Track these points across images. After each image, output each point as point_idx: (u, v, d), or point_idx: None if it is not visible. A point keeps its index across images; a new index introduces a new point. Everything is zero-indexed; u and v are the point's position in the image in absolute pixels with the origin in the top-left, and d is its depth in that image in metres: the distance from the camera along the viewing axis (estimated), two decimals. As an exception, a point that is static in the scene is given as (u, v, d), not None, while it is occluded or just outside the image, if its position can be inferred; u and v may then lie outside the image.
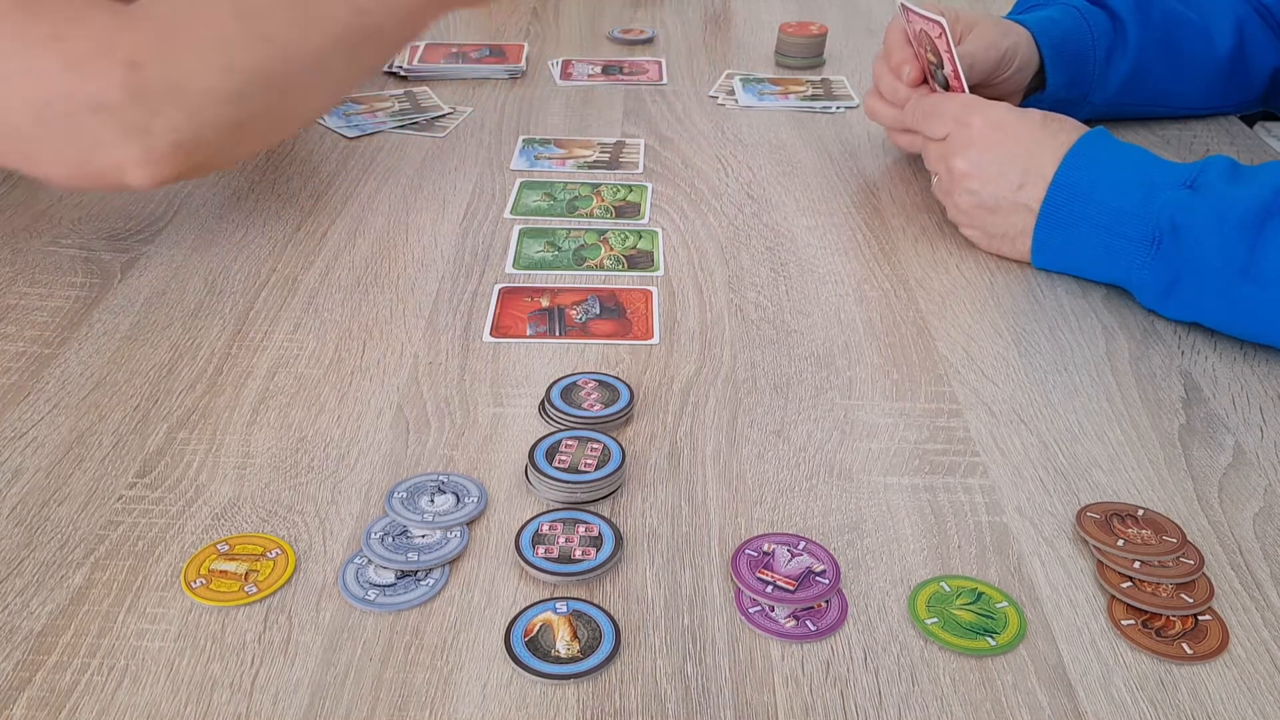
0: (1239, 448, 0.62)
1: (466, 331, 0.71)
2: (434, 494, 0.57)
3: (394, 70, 1.12)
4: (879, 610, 0.51)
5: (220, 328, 0.70)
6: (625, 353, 0.69)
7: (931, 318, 0.73)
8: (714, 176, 0.92)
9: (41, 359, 0.67)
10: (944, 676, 0.48)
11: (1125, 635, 0.50)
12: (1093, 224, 0.73)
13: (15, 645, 0.48)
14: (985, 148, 0.78)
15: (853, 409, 0.64)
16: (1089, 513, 0.56)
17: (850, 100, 1.08)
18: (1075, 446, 0.62)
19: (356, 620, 0.50)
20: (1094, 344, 0.71)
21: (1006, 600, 0.51)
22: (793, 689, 0.47)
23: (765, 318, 0.73)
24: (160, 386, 0.65)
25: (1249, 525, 0.56)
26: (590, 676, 0.47)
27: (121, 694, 0.46)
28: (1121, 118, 0.99)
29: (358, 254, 0.79)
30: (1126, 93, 0.96)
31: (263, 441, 0.60)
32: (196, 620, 0.50)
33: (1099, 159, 0.74)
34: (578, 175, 0.92)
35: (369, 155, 0.94)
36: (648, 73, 1.15)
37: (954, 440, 0.62)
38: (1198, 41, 0.96)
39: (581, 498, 0.57)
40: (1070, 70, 0.92)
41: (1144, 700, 0.47)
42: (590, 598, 0.51)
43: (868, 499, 0.58)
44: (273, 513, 0.56)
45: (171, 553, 0.53)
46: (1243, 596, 0.52)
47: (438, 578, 0.52)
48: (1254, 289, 0.66)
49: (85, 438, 0.60)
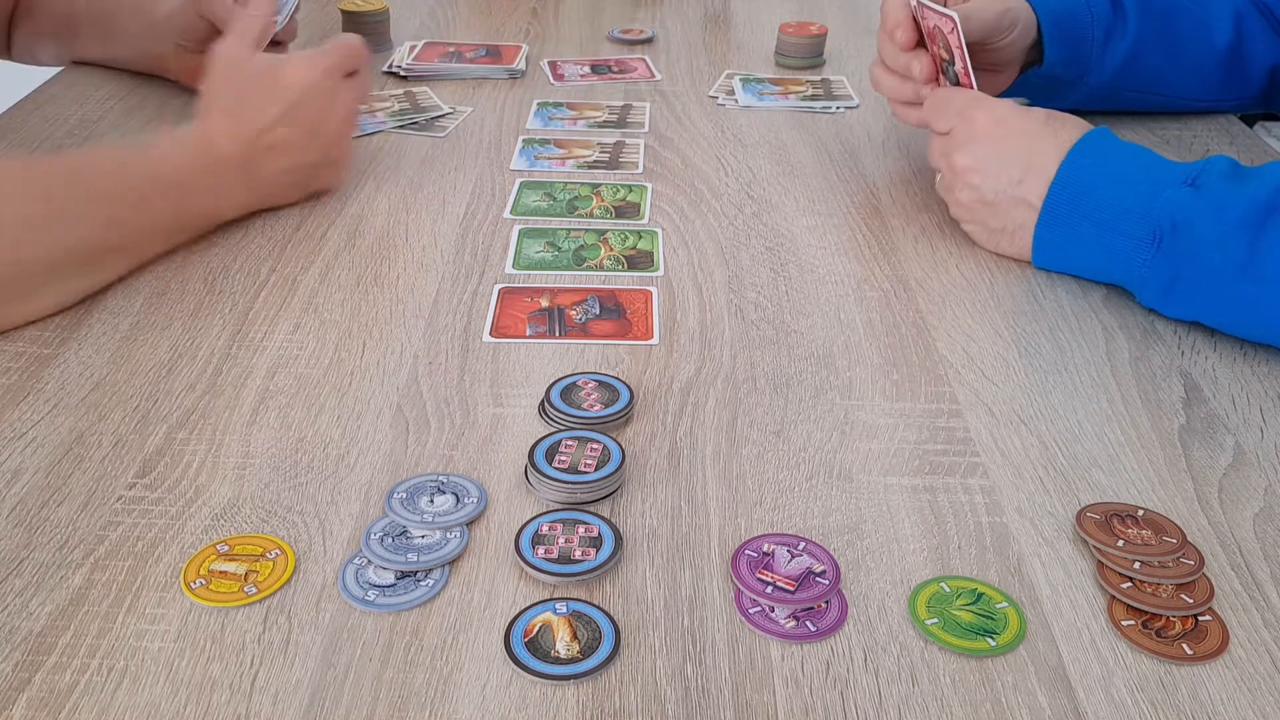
0: (1239, 448, 0.62)
1: (466, 332, 0.71)
2: (434, 494, 0.57)
3: (394, 70, 1.12)
4: (879, 611, 0.51)
5: (220, 328, 0.70)
6: (625, 353, 0.69)
7: (931, 318, 0.73)
8: (714, 177, 0.92)
9: (41, 359, 0.66)
10: (944, 677, 0.48)
11: (1125, 636, 0.50)
12: (1094, 221, 0.73)
13: (14, 646, 0.48)
14: (987, 143, 0.78)
15: (852, 409, 0.64)
16: (1089, 513, 0.56)
17: (850, 100, 1.08)
18: (1075, 447, 0.62)
19: (356, 621, 0.50)
20: (1094, 344, 0.71)
21: (1006, 601, 0.51)
22: (792, 690, 0.47)
23: (765, 318, 0.73)
24: (160, 387, 0.65)
25: (1249, 525, 0.56)
26: (590, 677, 0.47)
27: (121, 695, 0.46)
28: (1118, 106, 0.99)
29: (357, 254, 0.79)
30: (1123, 78, 0.95)
31: (262, 442, 0.60)
32: (196, 621, 0.50)
33: (1101, 156, 0.74)
34: (577, 175, 0.92)
35: (369, 155, 0.94)
36: (636, 70, 1.15)
37: (954, 441, 0.62)
38: (1196, 32, 0.96)
39: (581, 498, 0.57)
40: (1067, 48, 0.92)
41: (1144, 701, 0.47)
42: (590, 598, 0.51)
43: (868, 499, 0.58)
44: (272, 513, 0.56)
45: (171, 553, 0.53)
46: (1243, 597, 0.52)
47: (437, 578, 0.52)
48: (1254, 287, 0.66)
49: (85, 438, 0.60)
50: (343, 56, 0.84)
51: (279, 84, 0.81)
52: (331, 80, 0.83)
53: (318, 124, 0.82)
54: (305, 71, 0.82)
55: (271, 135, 0.80)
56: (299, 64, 0.82)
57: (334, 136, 0.84)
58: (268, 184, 0.82)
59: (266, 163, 0.80)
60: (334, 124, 0.84)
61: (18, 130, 0.96)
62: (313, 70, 0.82)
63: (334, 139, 0.84)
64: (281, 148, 0.81)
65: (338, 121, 0.84)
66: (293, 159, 0.82)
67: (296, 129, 0.81)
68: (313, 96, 0.82)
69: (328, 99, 0.83)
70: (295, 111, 0.81)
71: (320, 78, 0.82)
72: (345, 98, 0.84)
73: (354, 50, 0.85)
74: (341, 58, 0.84)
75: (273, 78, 0.81)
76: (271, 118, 0.80)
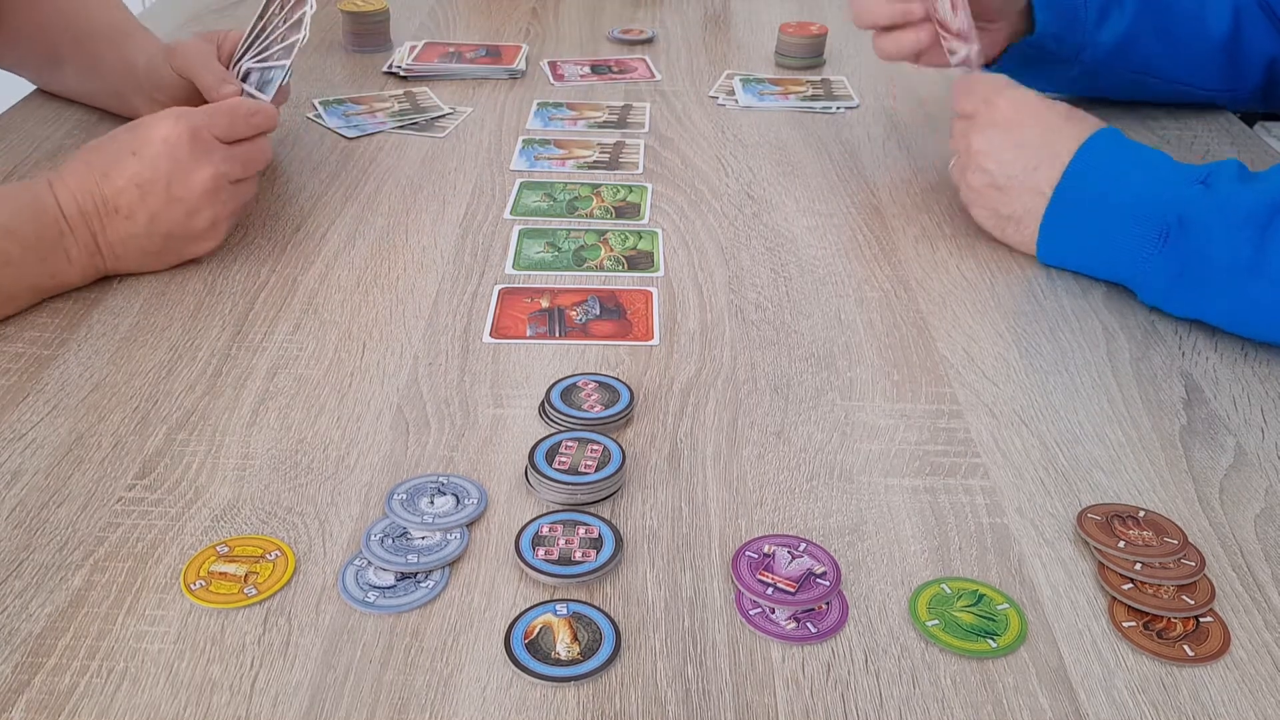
0: (1240, 449, 0.62)
1: (466, 332, 0.70)
2: (434, 495, 0.57)
3: (394, 70, 1.12)
4: (880, 612, 0.51)
5: (220, 328, 0.70)
6: (625, 353, 0.69)
7: (932, 318, 0.73)
8: (714, 177, 0.92)
9: (40, 360, 0.66)
10: (945, 678, 0.48)
11: (1126, 637, 0.50)
12: (1102, 214, 0.73)
13: (14, 648, 0.48)
14: (1006, 128, 0.78)
15: (853, 410, 0.64)
16: (1090, 514, 0.56)
17: (850, 100, 1.08)
18: (1076, 448, 0.61)
19: (356, 622, 0.50)
20: (1095, 345, 0.70)
21: (1007, 602, 0.51)
22: (793, 691, 0.47)
23: (765, 318, 0.73)
24: (159, 388, 0.64)
25: (1250, 526, 0.56)
26: (590, 679, 0.47)
27: (121, 696, 0.46)
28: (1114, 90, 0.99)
29: (357, 255, 0.79)
30: (1118, 58, 0.95)
31: (262, 443, 0.60)
32: (196, 622, 0.49)
33: (1114, 152, 0.74)
34: (577, 176, 0.92)
35: (369, 156, 0.94)
36: (636, 71, 1.15)
37: (954, 441, 0.62)
38: (1193, 19, 0.95)
39: (582, 499, 0.56)
40: (1059, 20, 0.91)
41: (1145, 702, 0.47)
42: (590, 600, 0.51)
43: (868, 500, 0.57)
44: (272, 514, 0.56)
45: (171, 554, 0.53)
46: (1244, 598, 0.52)
47: (438, 580, 0.52)
48: (1260, 285, 0.66)
49: (84, 439, 0.60)
50: (229, 118, 0.74)
51: (138, 137, 0.72)
52: (200, 139, 0.72)
53: (176, 190, 0.72)
54: (167, 126, 0.72)
55: (120, 197, 0.71)
56: (164, 116, 0.72)
57: (196, 206, 0.72)
58: (110, 252, 0.72)
59: (111, 227, 0.71)
60: (196, 192, 0.72)
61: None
62: (176, 126, 0.72)
63: (196, 209, 0.73)
64: (129, 212, 0.71)
65: (201, 189, 0.72)
66: (141, 226, 0.72)
67: (149, 192, 0.71)
68: (172, 155, 0.71)
69: (191, 160, 0.72)
70: (149, 171, 0.71)
71: (183, 134, 0.72)
72: (217, 162, 0.73)
73: (248, 116, 0.75)
74: (224, 118, 0.74)
75: (136, 130, 0.72)
76: (122, 176, 0.71)
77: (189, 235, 0.74)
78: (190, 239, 0.74)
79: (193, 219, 0.73)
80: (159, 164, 0.71)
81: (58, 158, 0.92)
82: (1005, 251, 0.81)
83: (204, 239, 0.75)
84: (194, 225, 0.74)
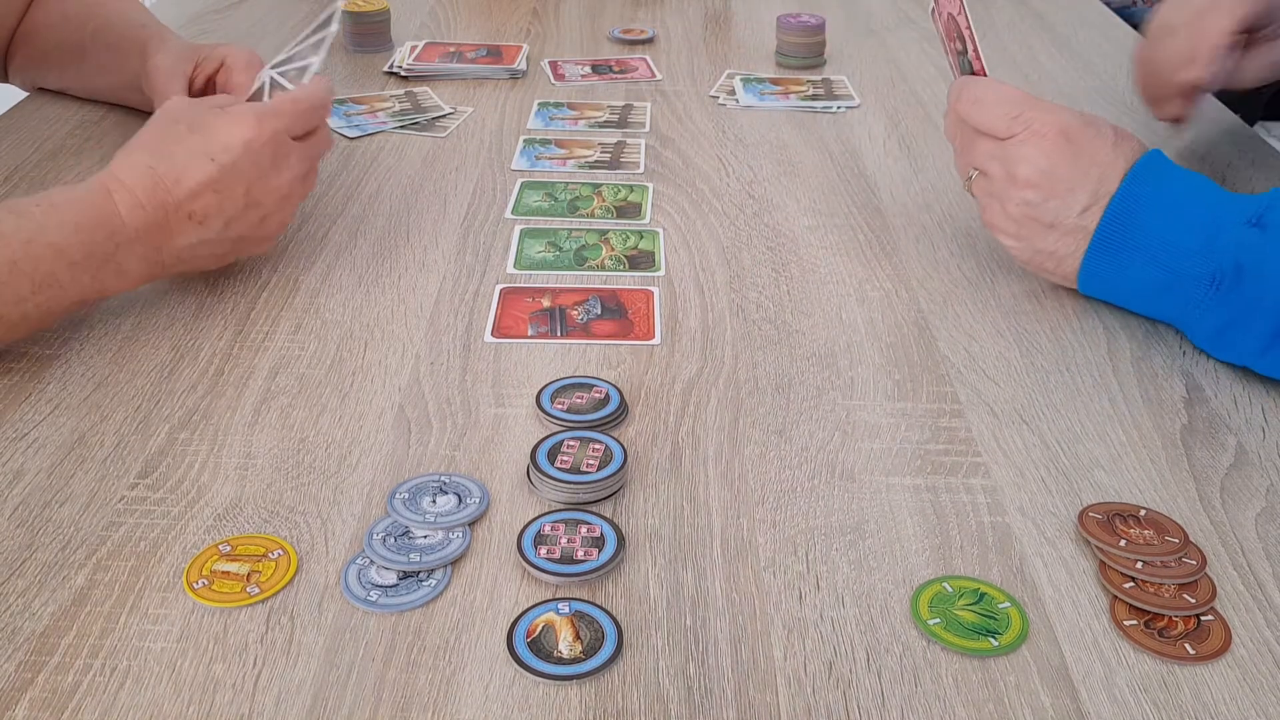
0: (1241, 448, 0.62)
1: (468, 332, 0.71)
2: (436, 495, 0.57)
3: (394, 70, 1.12)
4: (881, 611, 0.51)
5: (221, 328, 0.70)
6: (626, 353, 0.69)
7: (933, 318, 0.73)
8: (715, 177, 0.92)
9: (42, 359, 0.66)
10: (946, 677, 0.48)
11: (1128, 636, 0.50)
12: (1148, 257, 0.67)
13: (17, 646, 0.48)
14: (1058, 158, 0.69)
15: (854, 409, 0.64)
16: (1091, 513, 0.56)
17: (851, 100, 1.08)
18: (1077, 446, 0.62)
19: (359, 621, 0.50)
20: (1096, 344, 0.71)
21: (1009, 601, 0.51)
22: (795, 690, 0.47)
23: (767, 318, 0.73)
24: (161, 387, 0.65)
25: (1251, 525, 0.56)
26: (593, 677, 0.47)
27: (124, 695, 0.46)
28: None
29: (359, 254, 0.79)
30: None
31: (264, 442, 0.60)
32: (199, 621, 0.50)
33: (1159, 187, 0.68)
34: (578, 175, 0.92)
35: (370, 155, 0.94)
36: (637, 70, 1.15)
37: (956, 440, 0.62)
38: None
39: (583, 498, 0.57)
40: None
41: (1147, 701, 0.47)
42: (592, 598, 0.51)
43: (870, 499, 0.58)
44: (275, 513, 0.56)
45: (173, 554, 0.53)
46: (1245, 597, 0.52)
47: (440, 578, 0.52)
48: None
49: (87, 438, 0.60)
50: (300, 114, 0.72)
51: (215, 141, 0.69)
52: (281, 143, 0.71)
53: (256, 194, 0.70)
54: (250, 130, 0.69)
55: (195, 203, 0.68)
56: (243, 119, 0.70)
57: (271, 210, 0.71)
58: (174, 258, 0.69)
59: (181, 234, 0.68)
60: (275, 196, 0.71)
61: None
62: (260, 129, 0.70)
63: (271, 212, 0.72)
64: (203, 218, 0.68)
65: (280, 194, 0.71)
66: (214, 231, 0.69)
67: (227, 198, 0.69)
68: (255, 161, 0.69)
69: (272, 166, 0.70)
70: (230, 178, 0.68)
71: (267, 139, 0.70)
72: (294, 164, 0.72)
73: (315, 104, 0.73)
74: (297, 116, 0.72)
75: (209, 133, 0.69)
76: (198, 182, 0.68)
77: (259, 237, 0.73)
78: (259, 240, 0.74)
79: (266, 222, 0.72)
80: (241, 169, 0.69)
81: (58, 158, 0.92)
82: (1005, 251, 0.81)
83: (271, 238, 0.74)
84: (267, 228, 0.72)
